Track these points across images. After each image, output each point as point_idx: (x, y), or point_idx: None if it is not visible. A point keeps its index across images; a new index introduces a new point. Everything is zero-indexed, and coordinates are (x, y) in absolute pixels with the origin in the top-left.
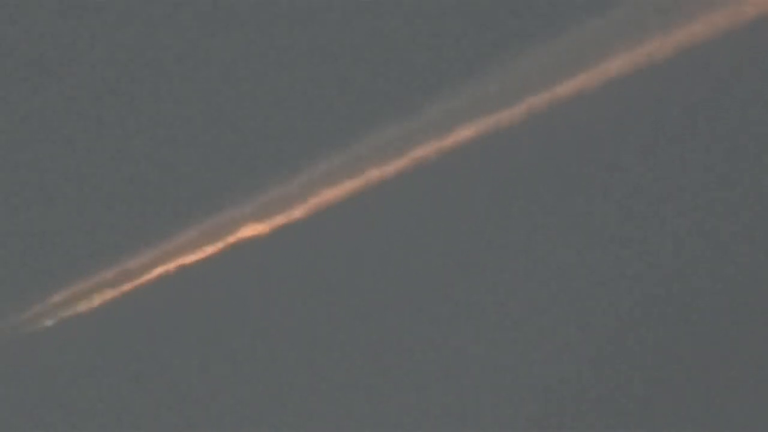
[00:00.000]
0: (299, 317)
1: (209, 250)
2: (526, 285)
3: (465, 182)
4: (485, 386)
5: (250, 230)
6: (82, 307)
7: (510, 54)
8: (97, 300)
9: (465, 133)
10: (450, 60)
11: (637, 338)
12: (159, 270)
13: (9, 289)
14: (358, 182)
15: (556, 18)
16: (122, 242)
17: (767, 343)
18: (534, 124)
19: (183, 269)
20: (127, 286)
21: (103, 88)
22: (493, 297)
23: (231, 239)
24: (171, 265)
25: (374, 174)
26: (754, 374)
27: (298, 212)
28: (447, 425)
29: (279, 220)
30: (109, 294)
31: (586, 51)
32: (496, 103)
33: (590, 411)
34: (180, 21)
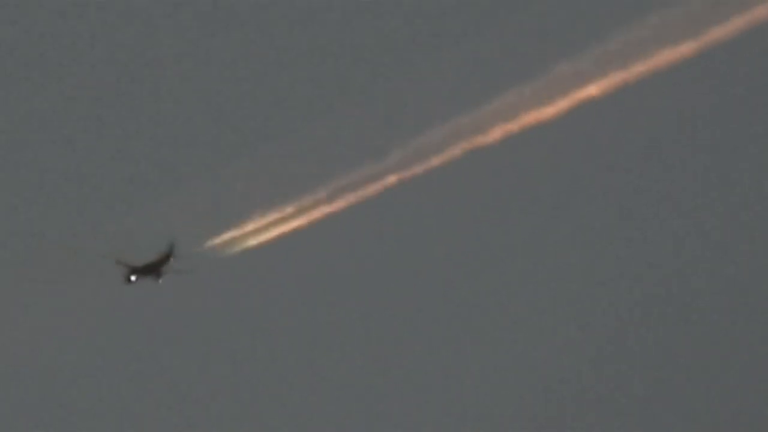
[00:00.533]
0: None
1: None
2: (526, 285)
3: (465, 183)
4: (485, 386)
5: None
6: (281, 230)
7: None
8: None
9: (469, 138)
10: (461, 76)
11: (637, 338)
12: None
13: (208, 218)
14: (375, 189)
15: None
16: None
17: (767, 343)
18: (533, 127)
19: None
20: (315, 214)
21: (102, 88)
22: (493, 297)
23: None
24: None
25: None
26: (754, 374)
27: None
28: (447, 425)
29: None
30: (298, 222)
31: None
32: (500, 107)
33: (590, 411)
34: (180, 21)
